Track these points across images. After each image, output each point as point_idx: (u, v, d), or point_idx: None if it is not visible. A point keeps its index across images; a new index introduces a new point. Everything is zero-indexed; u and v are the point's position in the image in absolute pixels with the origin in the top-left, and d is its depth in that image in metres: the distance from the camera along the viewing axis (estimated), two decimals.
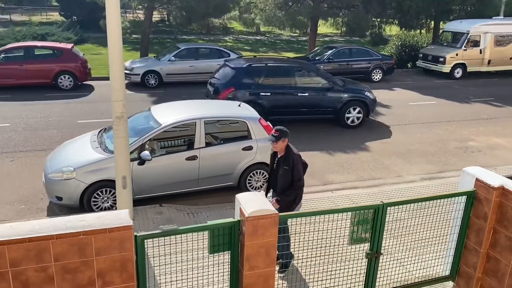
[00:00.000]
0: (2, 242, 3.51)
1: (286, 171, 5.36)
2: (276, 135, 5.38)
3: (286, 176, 5.38)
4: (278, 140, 5.36)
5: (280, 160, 5.47)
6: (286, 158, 5.41)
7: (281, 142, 5.38)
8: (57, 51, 15.24)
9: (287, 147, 5.48)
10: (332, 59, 18.36)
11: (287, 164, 5.36)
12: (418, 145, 11.09)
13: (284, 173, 5.37)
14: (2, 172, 8.52)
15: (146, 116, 7.93)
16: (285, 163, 5.39)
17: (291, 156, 5.41)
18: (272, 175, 5.68)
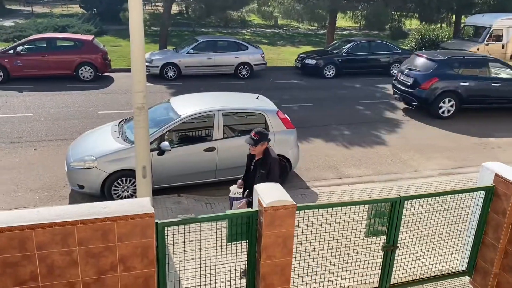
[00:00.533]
0: (30, 226, 3.65)
1: (262, 175, 5.10)
2: (255, 139, 5.13)
3: (262, 180, 5.05)
4: (257, 143, 5.13)
5: (257, 163, 5.24)
6: (263, 162, 5.17)
7: (260, 146, 5.15)
8: (78, 43, 15.48)
9: (265, 151, 5.23)
10: (350, 52, 18.25)
11: (263, 168, 5.13)
12: (437, 140, 10.99)
13: (261, 177, 5.10)
14: (26, 160, 8.75)
15: (166, 107, 8.05)
16: (262, 166, 5.15)
17: (268, 160, 5.16)
18: (247, 177, 5.44)
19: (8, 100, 12.68)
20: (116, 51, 20.38)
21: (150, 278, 4.06)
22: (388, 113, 13.31)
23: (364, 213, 4.83)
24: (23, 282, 3.79)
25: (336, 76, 17.89)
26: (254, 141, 5.12)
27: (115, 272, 3.96)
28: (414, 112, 13.33)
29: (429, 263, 5.37)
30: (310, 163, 9.28)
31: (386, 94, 15.60)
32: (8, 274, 3.72)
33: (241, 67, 16.99)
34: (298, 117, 11.62)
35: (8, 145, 9.46)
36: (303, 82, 17.14)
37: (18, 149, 9.26)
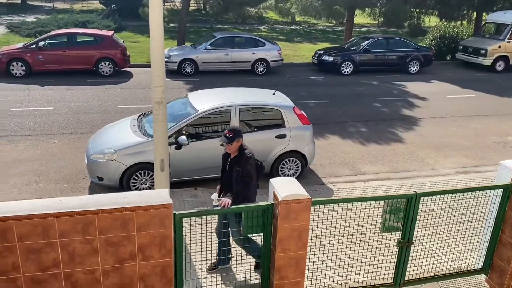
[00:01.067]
0: (53, 214, 3.78)
1: (239, 173, 5.00)
2: (229, 136, 4.98)
3: (239, 178, 5.01)
4: (232, 141, 4.99)
5: (233, 161, 5.11)
6: (239, 160, 5.06)
7: (235, 143, 5.02)
8: (98, 38, 15.71)
9: (240, 148, 5.10)
10: (368, 49, 18.11)
11: (239, 165, 5.02)
12: (454, 138, 10.89)
13: (237, 175, 5.01)
14: (47, 152, 8.97)
15: (184, 102, 8.15)
16: (238, 164, 5.03)
17: (243, 157, 5.05)
18: (223, 177, 5.31)
19: (31, 93, 12.97)
20: (135, 47, 20.61)
21: (168, 268, 4.16)
22: (405, 110, 13.21)
23: (379, 209, 4.85)
24: (45, 268, 3.92)
25: (354, 73, 17.80)
26: (229, 139, 4.97)
27: (133, 261, 4.07)
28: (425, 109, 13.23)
29: (444, 260, 5.35)
30: (326, 160, 9.29)
31: (403, 92, 15.47)
32: (31, 260, 3.86)
33: (258, 63, 17.03)
34: (314, 114, 11.63)
35: (30, 137, 9.70)
36: (320, 79, 17.10)
37: (40, 142, 9.49)
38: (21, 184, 7.62)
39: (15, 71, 14.57)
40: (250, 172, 5.04)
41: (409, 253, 4.89)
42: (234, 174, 5.04)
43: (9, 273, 3.84)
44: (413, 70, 18.56)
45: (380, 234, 4.88)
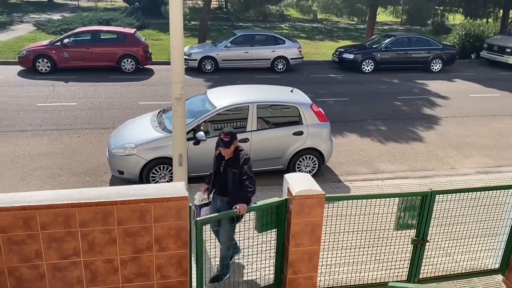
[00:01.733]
0: (74, 204, 3.93)
1: (235, 174, 4.88)
2: (227, 140, 4.83)
3: (235, 179, 4.88)
4: (230, 145, 4.85)
5: (228, 163, 4.96)
6: (235, 161, 4.92)
7: (232, 146, 4.89)
8: (121, 36, 16.00)
9: (236, 149, 4.98)
10: (390, 47, 17.93)
11: (235, 167, 4.88)
12: (476, 138, 10.72)
13: (233, 177, 4.89)
14: (70, 147, 9.22)
15: (202, 99, 8.26)
16: (234, 166, 4.90)
17: (240, 159, 4.91)
18: (218, 180, 5.12)
19: (55, 89, 13.32)
20: (157, 45, 20.89)
21: (183, 259, 4.27)
22: (426, 109, 13.06)
23: (394, 206, 4.86)
24: (66, 256, 4.07)
25: (374, 71, 17.66)
26: (227, 143, 4.83)
27: (150, 251, 4.19)
28: (450, 108, 13.06)
29: (460, 259, 5.32)
30: (344, 157, 9.29)
31: (425, 90, 15.28)
32: (53, 248, 4.01)
33: (277, 61, 17.06)
34: (333, 112, 11.62)
35: (54, 131, 9.98)
36: (340, 77, 17.03)
37: (63, 136, 9.76)
38: (45, 177, 7.87)
39: (41, 68, 14.97)
40: (251, 171, 4.92)
41: (424, 251, 4.88)
42: (229, 175, 4.90)
43: (33, 260, 4.01)
44: (436, 69, 18.30)
45: (395, 232, 4.89)
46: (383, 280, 4.96)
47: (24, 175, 7.90)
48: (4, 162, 8.33)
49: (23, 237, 3.90)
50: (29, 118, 10.76)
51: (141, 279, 4.28)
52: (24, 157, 8.59)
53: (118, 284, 4.27)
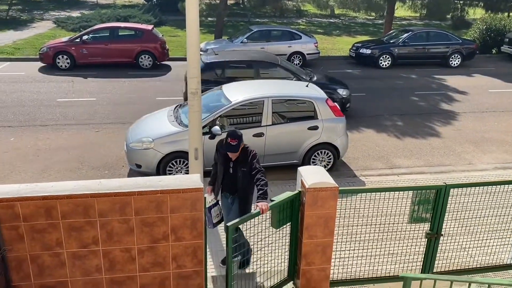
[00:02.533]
0: (93, 195, 4.05)
1: (245, 173, 4.90)
2: (235, 144, 4.76)
3: (245, 176, 4.92)
4: (239, 148, 4.83)
5: (237, 162, 4.95)
6: (243, 159, 4.91)
7: (240, 148, 4.88)
8: (139, 32, 16.19)
9: (243, 149, 4.94)
10: (407, 42, 17.74)
11: (245, 165, 4.89)
12: (494, 133, 10.57)
13: (243, 176, 4.92)
14: (89, 141, 9.42)
15: (218, 94, 8.35)
16: (243, 164, 4.90)
17: (248, 155, 4.89)
18: (226, 178, 5.10)
19: (75, 85, 13.58)
20: (174, 41, 21.07)
21: (198, 249, 4.37)
22: (444, 104, 12.92)
23: (408, 199, 4.87)
24: (86, 245, 4.21)
25: (392, 66, 17.50)
26: (235, 148, 4.79)
27: (166, 241, 4.30)
28: (468, 103, 12.89)
29: (475, 254, 5.30)
30: (360, 152, 9.28)
31: (443, 86, 15.10)
32: (73, 237, 4.15)
33: (293, 56, 17.05)
34: (350, 107, 11.57)
35: (74, 126, 10.21)
36: (357, 72, 16.93)
37: (83, 130, 9.97)
38: (65, 170, 8.07)
39: (61, 64, 15.27)
40: (259, 164, 4.90)
41: (438, 245, 4.88)
42: (239, 174, 4.94)
43: (54, 248, 4.15)
44: (455, 64, 18.04)
45: (409, 225, 4.90)
46: (397, 274, 4.97)
47: (45, 168, 8.11)
48: (26, 156, 8.56)
49: (44, 226, 4.04)
50: (50, 113, 11.02)
51: (158, 268, 4.39)
52: (45, 151, 8.82)
53: (135, 272, 4.39)
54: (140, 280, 4.43)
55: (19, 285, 4.22)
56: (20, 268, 4.17)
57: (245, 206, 5.08)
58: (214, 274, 5.24)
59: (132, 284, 4.44)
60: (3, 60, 16.56)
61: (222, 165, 5.07)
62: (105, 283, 4.38)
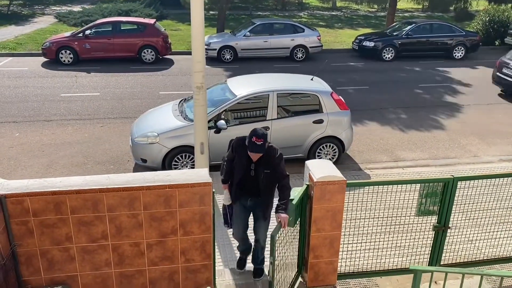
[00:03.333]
0: (101, 190, 4.06)
1: (267, 175, 4.48)
2: (261, 144, 4.29)
3: (268, 179, 4.50)
4: (264, 148, 4.37)
5: (260, 163, 4.49)
6: (266, 160, 4.46)
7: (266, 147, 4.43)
8: (141, 26, 16.15)
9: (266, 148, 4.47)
10: (411, 34, 17.65)
11: (268, 167, 4.47)
12: (499, 126, 10.54)
13: (266, 178, 4.49)
14: (94, 136, 9.43)
15: (223, 88, 8.34)
16: (266, 166, 4.47)
17: (271, 155, 4.46)
18: (248, 182, 4.62)
19: (78, 80, 13.57)
20: (175, 35, 21.01)
21: (207, 243, 4.38)
22: (448, 97, 12.87)
23: (415, 192, 4.87)
24: (95, 239, 4.23)
25: (395, 59, 17.42)
26: (261, 148, 4.32)
27: (175, 235, 4.31)
28: (476, 95, 12.85)
29: (482, 246, 5.31)
30: (364, 146, 9.27)
31: (447, 78, 15.04)
32: (83, 232, 4.17)
33: (296, 49, 16.98)
34: (353, 100, 11.56)
35: (78, 121, 10.22)
36: (360, 65, 16.87)
37: (87, 125, 9.98)
38: (70, 165, 8.09)
39: (64, 59, 15.25)
40: (285, 171, 4.52)
41: (445, 237, 4.89)
42: (261, 177, 4.48)
43: (63, 243, 4.17)
44: (458, 56, 17.95)
45: (416, 218, 4.91)
46: (404, 266, 4.99)
47: (51, 163, 8.13)
48: (32, 151, 8.58)
49: (54, 221, 4.06)
50: (54, 108, 11.02)
51: (166, 262, 4.42)
52: (50, 146, 8.84)
53: (144, 267, 4.42)
54: (149, 274, 4.46)
55: (29, 280, 4.25)
56: (30, 263, 4.20)
57: (268, 210, 4.72)
58: (221, 268, 5.26)
59: (141, 278, 4.46)
60: (5, 56, 16.54)
61: (241, 167, 4.56)
62: (114, 277, 4.40)
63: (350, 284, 4.90)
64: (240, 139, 4.62)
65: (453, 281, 4.66)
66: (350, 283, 4.90)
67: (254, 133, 4.31)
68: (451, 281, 4.16)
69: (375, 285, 4.91)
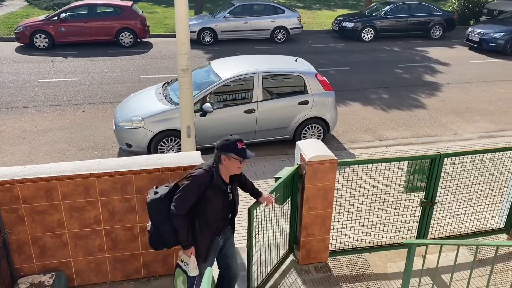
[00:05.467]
0: (93, 174, 4.02)
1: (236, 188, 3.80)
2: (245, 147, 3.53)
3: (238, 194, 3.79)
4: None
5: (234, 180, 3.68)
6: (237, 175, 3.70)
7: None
8: (118, 9, 15.75)
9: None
10: (389, 15, 17.76)
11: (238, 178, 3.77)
12: (477, 103, 10.79)
13: (237, 193, 3.78)
14: (75, 121, 9.25)
15: (207, 70, 8.26)
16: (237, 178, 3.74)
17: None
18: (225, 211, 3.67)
19: (55, 65, 13.22)
20: (152, 18, 20.59)
21: None
22: (427, 76, 13.07)
23: (402, 170, 4.97)
24: (88, 225, 4.20)
25: (375, 40, 17.54)
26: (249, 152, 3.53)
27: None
28: (453, 74, 13.08)
29: (466, 220, 5.49)
30: (348, 126, 9.37)
31: (426, 57, 15.24)
32: (75, 218, 4.13)
33: (277, 31, 16.90)
34: (335, 81, 11.62)
35: (58, 107, 9.99)
36: (340, 46, 16.92)
37: (68, 111, 9.77)
38: (53, 152, 7.94)
39: (39, 43, 14.80)
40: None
41: (432, 213, 5.02)
42: (236, 194, 3.74)
43: (55, 229, 4.13)
44: (436, 35, 18.18)
45: (404, 195, 5.02)
46: (393, 242, 5.12)
47: (33, 150, 7.96)
48: (12, 139, 8.38)
49: (45, 207, 4.01)
50: (31, 94, 10.74)
51: None
52: (30, 133, 8.64)
53: (138, 250, 4.42)
54: (143, 257, 4.47)
55: (21, 268, 4.21)
56: (22, 251, 4.15)
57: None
58: None
59: (135, 262, 4.47)
60: None
61: (218, 201, 3.54)
62: (108, 262, 4.40)
63: (341, 260, 5.00)
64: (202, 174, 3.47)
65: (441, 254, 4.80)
66: (341, 259, 5.01)
67: (235, 140, 3.45)
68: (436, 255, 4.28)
69: (365, 260, 5.03)
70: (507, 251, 5.21)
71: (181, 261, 3.63)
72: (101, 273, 4.42)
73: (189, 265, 3.53)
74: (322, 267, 4.85)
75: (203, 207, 3.49)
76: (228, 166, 3.49)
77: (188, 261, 3.54)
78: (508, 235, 5.45)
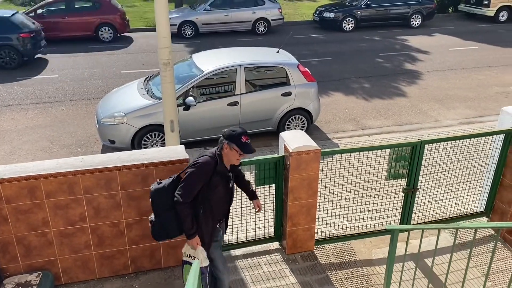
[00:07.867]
0: (77, 172, 4.00)
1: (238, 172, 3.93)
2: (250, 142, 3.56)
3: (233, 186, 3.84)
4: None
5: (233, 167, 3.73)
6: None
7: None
8: (97, 4, 15.50)
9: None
10: (369, 4, 17.84)
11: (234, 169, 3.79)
12: (457, 90, 10.97)
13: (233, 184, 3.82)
14: (57, 119, 9.13)
15: (189, 64, 8.22)
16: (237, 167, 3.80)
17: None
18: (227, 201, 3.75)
19: (34, 62, 12.98)
20: (131, 12, 20.34)
21: None
22: (408, 64, 13.23)
23: (384, 158, 5.06)
24: (73, 222, 4.18)
25: (355, 29, 17.64)
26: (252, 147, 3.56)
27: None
28: (434, 63, 13.27)
29: (447, 205, 5.61)
30: (331, 116, 9.44)
31: (406, 46, 15.40)
32: (60, 216, 4.11)
33: (258, 22, 16.86)
34: (317, 72, 11.68)
35: (38, 105, 9.84)
36: (322, 36, 16.98)
37: (48, 109, 9.64)
38: (35, 150, 7.84)
39: None
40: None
41: (415, 199, 5.12)
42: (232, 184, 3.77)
43: (40, 228, 4.10)
44: (415, 24, 18.36)
45: (386, 182, 5.11)
46: (377, 228, 5.21)
47: (14, 149, 7.85)
48: None
49: (29, 206, 3.98)
50: (11, 92, 10.55)
51: (147, 241, 4.43)
52: (11, 132, 8.51)
53: (125, 246, 4.42)
54: (130, 253, 4.47)
55: (6, 268, 4.17)
56: (7, 251, 4.11)
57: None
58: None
59: (122, 257, 4.47)
60: None
61: (222, 189, 3.59)
62: (95, 258, 4.39)
63: (327, 248, 5.08)
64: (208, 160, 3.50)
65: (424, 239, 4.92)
66: (326, 248, 5.09)
67: (241, 132, 3.49)
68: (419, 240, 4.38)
69: (350, 247, 5.12)
70: (488, 233, 5.36)
71: (187, 256, 3.60)
72: (88, 270, 4.41)
73: (199, 257, 3.50)
74: (308, 256, 4.92)
75: (208, 194, 3.50)
76: (228, 155, 3.54)
77: (195, 254, 3.52)
78: (488, 218, 5.59)
